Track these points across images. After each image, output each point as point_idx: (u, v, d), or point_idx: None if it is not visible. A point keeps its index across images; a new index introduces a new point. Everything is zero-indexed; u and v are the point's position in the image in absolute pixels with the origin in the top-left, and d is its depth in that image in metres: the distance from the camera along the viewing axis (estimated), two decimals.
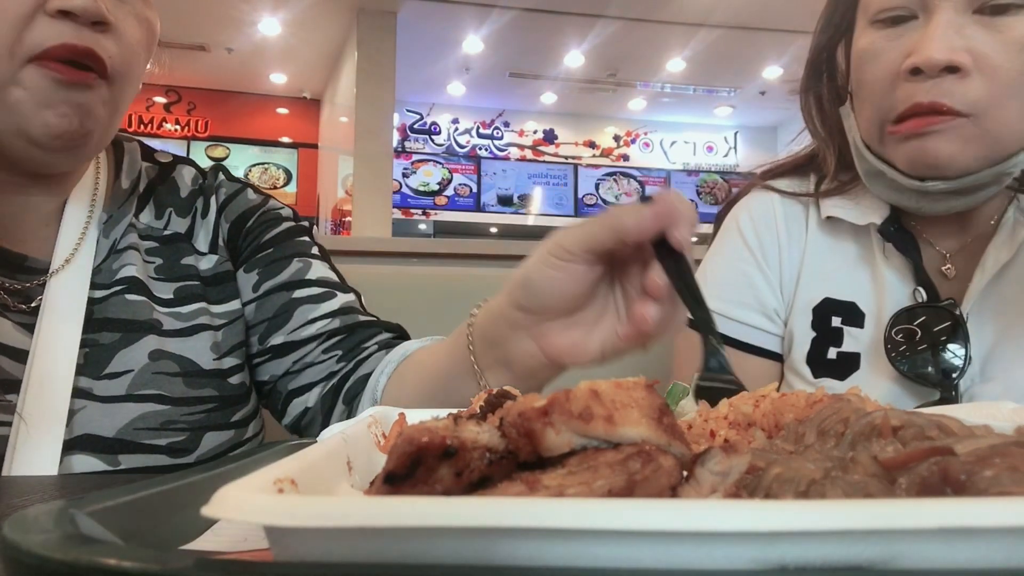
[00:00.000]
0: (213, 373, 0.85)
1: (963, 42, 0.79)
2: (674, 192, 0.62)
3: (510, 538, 0.24)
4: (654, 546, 0.24)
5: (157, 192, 0.90)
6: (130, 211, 0.86)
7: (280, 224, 0.94)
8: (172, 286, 0.86)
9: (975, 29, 0.80)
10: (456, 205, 9.16)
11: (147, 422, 0.78)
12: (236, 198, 0.94)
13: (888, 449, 0.34)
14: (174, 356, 0.82)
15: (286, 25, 6.92)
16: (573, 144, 9.65)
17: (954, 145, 0.80)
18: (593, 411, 0.30)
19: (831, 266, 0.95)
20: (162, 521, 0.37)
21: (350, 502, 0.26)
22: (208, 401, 0.83)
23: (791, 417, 0.44)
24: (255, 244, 0.92)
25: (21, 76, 0.69)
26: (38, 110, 0.70)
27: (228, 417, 0.85)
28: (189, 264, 0.88)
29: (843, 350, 0.92)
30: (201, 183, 0.94)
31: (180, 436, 0.80)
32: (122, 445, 0.77)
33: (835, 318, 0.93)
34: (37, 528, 0.28)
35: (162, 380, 0.80)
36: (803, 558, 0.24)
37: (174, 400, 0.80)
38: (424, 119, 9.23)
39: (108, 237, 0.83)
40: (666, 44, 7.42)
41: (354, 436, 0.44)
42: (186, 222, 0.90)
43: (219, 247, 0.91)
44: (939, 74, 0.79)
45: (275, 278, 0.90)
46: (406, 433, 0.30)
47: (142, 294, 0.83)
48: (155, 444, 0.78)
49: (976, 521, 0.23)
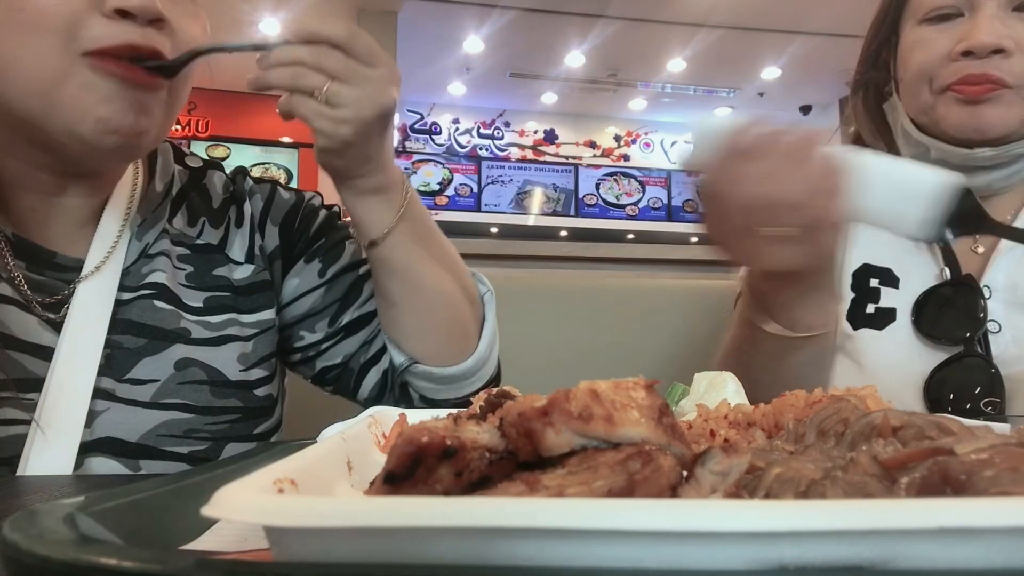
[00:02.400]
0: (239, 384, 0.85)
1: (1006, 30, 0.94)
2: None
3: (510, 538, 0.24)
4: (654, 546, 0.24)
5: (190, 198, 0.91)
6: (164, 216, 0.86)
7: (319, 213, 0.98)
8: (202, 295, 0.86)
9: (1014, 22, 0.94)
10: (457, 205, 9.15)
11: (170, 429, 0.78)
12: (274, 201, 0.96)
13: (888, 449, 0.34)
14: (201, 365, 0.82)
15: (287, 25, 6.93)
16: (574, 144, 9.64)
17: (1002, 110, 0.94)
18: (593, 411, 0.30)
19: (875, 236, 1.07)
20: (162, 521, 0.37)
21: (350, 502, 0.26)
22: (232, 412, 0.83)
23: (791, 417, 0.44)
24: (307, 237, 0.95)
25: (74, 72, 0.67)
26: (93, 106, 0.68)
27: (251, 429, 0.86)
28: (221, 275, 0.88)
29: (881, 305, 1.05)
30: (232, 190, 0.94)
31: (202, 445, 0.80)
32: (144, 451, 0.76)
33: (873, 280, 1.06)
34: (37, 528, 0.28)
35: (187, 390, 0.80)
36: (803, 558, 0.24)
37: (198, 409, 0.80)
38: (425, 119, 9.22)
39: (140, 240, 0.83)
40: (667, 44, 7.42)
41: (354, 436, 0.44)
42: (219, 233, 0.91)
43: (256, 256, 0.91)
44: (987, 55, 0.93)
45: (338, 262, 0.95)
46: (406, 433, 0.30)
47: (170, 303, 0.83)
48: (177, 452, 0.78)
49: (976, 521, 0.23)
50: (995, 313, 0.97)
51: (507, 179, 9.34)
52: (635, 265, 1.98)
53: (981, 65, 0.93)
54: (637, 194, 9.53)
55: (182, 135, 8.27)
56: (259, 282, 0.91)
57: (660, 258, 1.95)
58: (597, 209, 9.41)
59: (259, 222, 0.94)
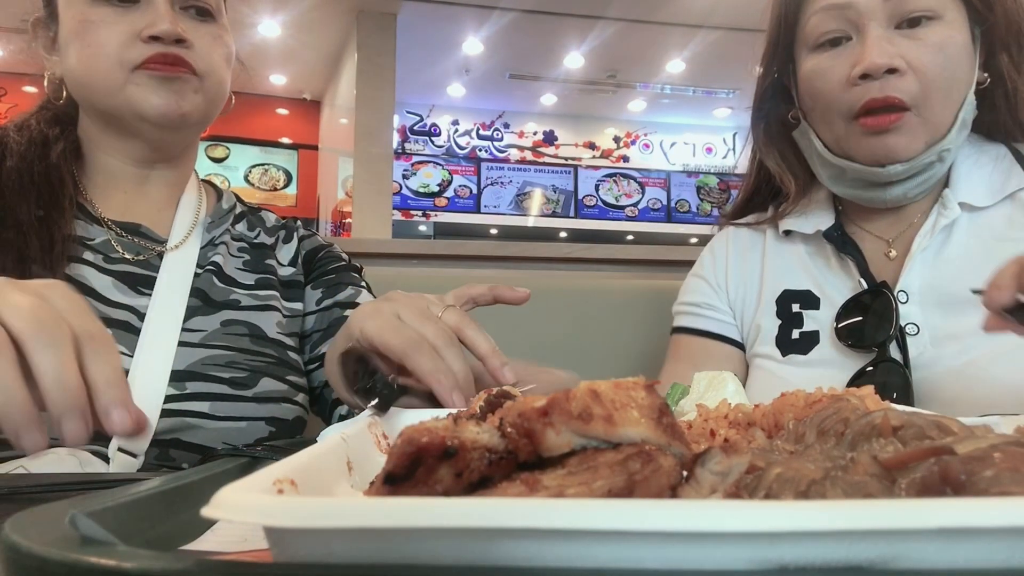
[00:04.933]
0: (275, 341, 1.03)
1: (895, 49, 0.98)
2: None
3: (510, 538, 0.24)
4: (654, 546, 0.24)
5: (249, 218, 1.16)
6: (228, 221, 1.11)
7: (341, 261, 1.18)
8: (254, 276, 1.07)
9: (900, 40, 0.99)
10: (456, 207, 9.15)
11: (215, 360, 0.95)
12: (311, 238, 1.20)
13: (888, 449, 0.34)
14: (245, 323, 1.01)
15: (286, 27, 6.92)
16: (573, 145, 9.65)
17: (907, 138, 0.99)
18: (593, 411, 0.30)
19: (788, 266, 1.16)
20: (162, 521, 0.37)
21: (349, 502, 0.26)
22: (268, 356, 1.00)
23: (791, 417, 0.44)
24: (322, 269, 1.16)
25: (132, 78, 0.96)
26: (147, 96, 0.96)
27: (284, 374, 1.01)
28: (271, 264, 1.11)
29: (804, 330, 1.10)
30: (284, 222, 1.20)
31: (242, 374, 0.96)
32: (191, 375, 0.92)
33: (794, 304, 1.12)
34: (37, 528, 0.28)
35: (231, 337, 0.99)
36: (803, 558, 0.24)
37: (239, 350, 0.98)
38: (424, 120, 9.23)
39: (209, 232, 1.08)
40: (666, 45, 7.42)
41: (354, 436, 0.44)
42: (271, 239, 1.15)
43: (298, 264, 1.15)
44: (882, 76, 0.97)
45: (334, 296, 1.12)
46: (406, 433, 0.30)
47: (226, 282, 1.04)
48: (219, 376, 0.94)
49: (976, 521, 0.23)
50: (913, 316, 1.00)
51: (506, 180, 9.35)
52: (634, 266, 1.98)
53: (880, 88, 0.97)
54: (636, 195, 9.54)
55: None
56: (296, 281, 1.13)
57: (660, 259, 1.95)
58: (596, 210, 9.41)
59: (298, 243, 1.17)
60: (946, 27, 0.99)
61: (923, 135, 0.99)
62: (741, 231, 1.24)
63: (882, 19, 0.99)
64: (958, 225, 1.04)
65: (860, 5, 0.99)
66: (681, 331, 1.22)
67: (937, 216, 1.04)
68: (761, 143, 1.20)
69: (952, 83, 1.00)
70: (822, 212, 1.15)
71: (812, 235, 1.13)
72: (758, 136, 1.21)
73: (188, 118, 0.99)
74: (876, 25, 0.99)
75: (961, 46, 1.00)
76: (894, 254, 1.08)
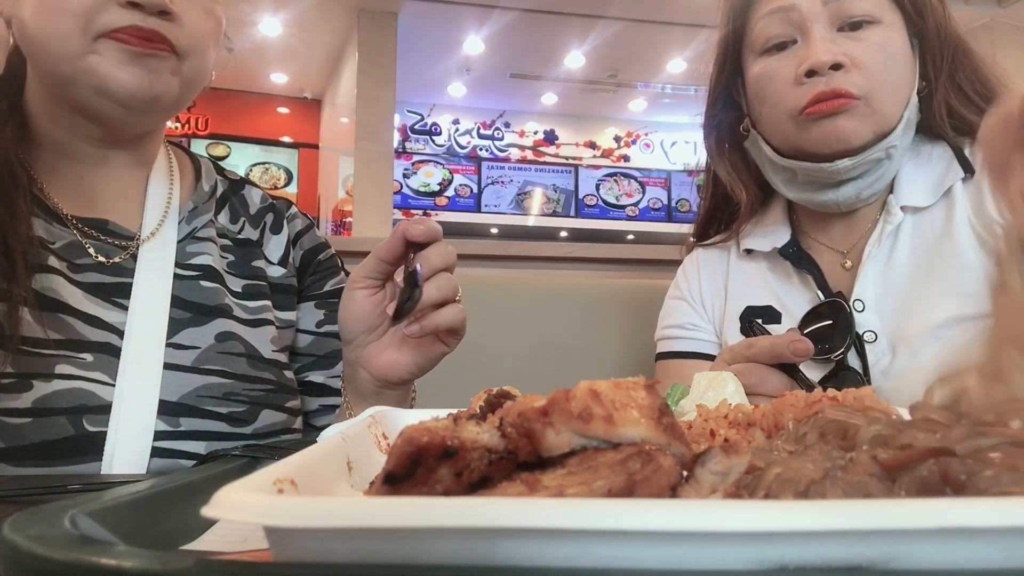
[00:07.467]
0: (272, 362, 0.92)
1: (839, 48, 1.00)
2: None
3: (510, 538, 0.24)
4: (654, 546, 0.24)
5: (231, 202, 1.02)
6: (211, 209, 0.96)
7: (338, 274, 1.07)
8: (242, 282, 0.95)
9: (842, 41, 1.01)
10: (456, 206, 9.15)
11: (210, 391, 0.84)
12: (308, 233, 1.06)
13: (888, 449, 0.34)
14: (240, 339, 0.89)
15: (287, 26, 6.92)
16: (574, 145, 9.64)
17: (856, 122, 1.00)
18: (593, 411, 0.30)
19: (750, 283, 1.18)
20: (162, 521, 0.37)
21: (349, 502, 0.26)
22: (267, 383, 0.90)
23: (791, 417, 0.44)
24: (320, 286, 1.04)
25: (95, 47, 0.80)
26: (113, 70, 0.80)
27: (283, 401, 0.91)
28: (259, 267, 0.98)
29: None
30: (271, 203, 1.05)
31: (240, 408, 0.85)
32: (185, 409, 0.81)
33: (757, 320, 1.11)
34: (37, 528, 0.28)
35: (227, 359, 0.87)
36: (803, 558, 0.24)
37: (236, 376, 0.87)
38: (425, 120, 9.23)
39: (190, 224, 0.93)
40: (666, 45, 7.42)
41: (354, 436, 0.44)
42: (257, 233, 1.01)
43: (288, 263, 1.02)
44: (828, 72, 0.99)
45: (335, 323, 1.01)
46: (406, 433, 0.30)
47: (216, 281, 0.91)
48: (216, 411, 0.83)
49: (976, 521, 0.23)
50: (871, 323, 1.02)
51: (507, 180, 9.34)
52: (635, 266, 1.98)
53: (827, 82, 0.99)
54: (637, 195, 9.53)
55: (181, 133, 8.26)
56: (288, 285, 1.01)
57: (660, 259, 1.95)
58: (597, 210, 9.40)
59: (293, 239, 1.04)
60: (886, 30, 1.02)
61: (872, 123, 1.00)
62: (709, 251, 1.26)
63: (824, 22, 1.02)
64: (903, 229, 1.06)
65: (803, 8, 1.02)
66: (667, 356, 1.22)
67: (883, 223, 1.06)
68: (713, 154, 1.23)
69: (896, 79, 1.02)
70: (778, 228, 1.17)
71: (770, 252, 1.16)
72: (710, 147, 1.23)
73: (159, 102, 0.84)
74: (820, 27, 1.02)
75: (901, 48, 1.03)
76: (849, 264, 1.10)
